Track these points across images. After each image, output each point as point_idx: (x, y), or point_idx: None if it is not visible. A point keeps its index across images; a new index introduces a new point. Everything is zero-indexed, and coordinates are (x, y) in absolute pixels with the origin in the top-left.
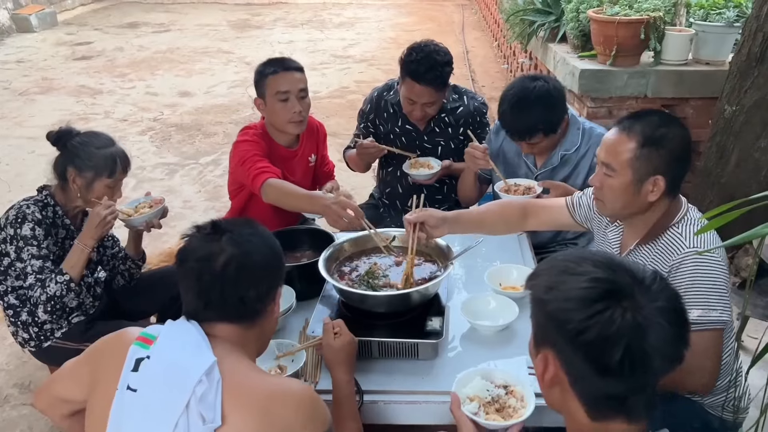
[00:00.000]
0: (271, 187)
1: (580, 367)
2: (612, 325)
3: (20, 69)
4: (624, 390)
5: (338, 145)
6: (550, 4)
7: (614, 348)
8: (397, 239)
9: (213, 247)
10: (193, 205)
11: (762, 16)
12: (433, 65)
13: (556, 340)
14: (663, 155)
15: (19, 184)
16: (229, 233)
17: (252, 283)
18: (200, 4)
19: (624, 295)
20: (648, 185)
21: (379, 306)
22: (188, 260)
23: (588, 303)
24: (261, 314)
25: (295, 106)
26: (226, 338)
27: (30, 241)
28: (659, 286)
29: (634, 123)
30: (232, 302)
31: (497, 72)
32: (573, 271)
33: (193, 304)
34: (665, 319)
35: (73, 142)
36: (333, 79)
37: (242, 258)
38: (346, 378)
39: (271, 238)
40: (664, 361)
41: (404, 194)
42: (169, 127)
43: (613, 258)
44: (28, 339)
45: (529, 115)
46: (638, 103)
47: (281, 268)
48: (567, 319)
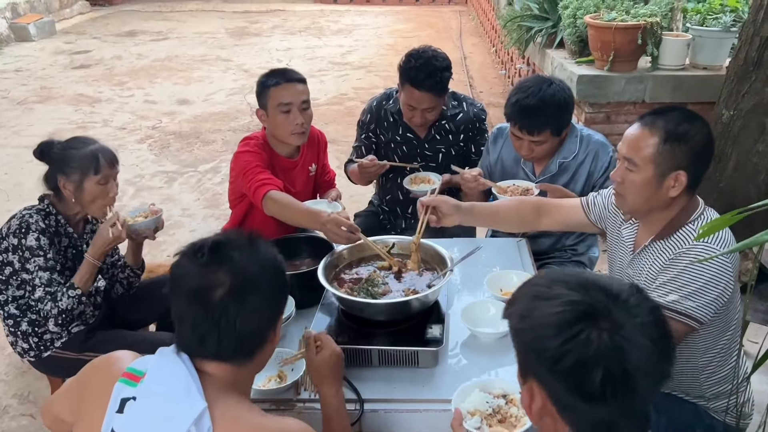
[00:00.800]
0: (272, 200)
1: (563, 395)
2: (589, 348)
3: (18, 78)
4: (612, 415)
5: (337, 152)
6: (547, 10)
7: (593, 372)
8: (396, 246)
9: (210, 278)
10: (192, 213)
11: (759, 20)
12: (433, 71)
13: (538, 370)
14: (685, 151)
15: (18, 193)
16: (229, 261)
17: (252, 318)
18: (198, 12)
19: (600, 316)
20: (670, 180)
21: (378, 314)
22: (182, 288)
23: (562, 328)
24: (260, 348)
25: (297, 118)
26: (220, 378)
27: (36, 252)
28: (637, 299)
29: (657, 118)
30: (229, 342)
31: (495, 78)
32: (545, 296)
33: (187, 338)
34: (646, 335)
35: (55, 151)
36: (331, 86)
37: (243, 291)
38: (332, 392)
39: (274, 259)
40: (650, 380)
41: (404, 201)
42: (168, 135)
43: (586, 277)
44: (27, 349)
45: (544, 107)
46: (636, 109)
47: (285, 294)
48: (544, 348)
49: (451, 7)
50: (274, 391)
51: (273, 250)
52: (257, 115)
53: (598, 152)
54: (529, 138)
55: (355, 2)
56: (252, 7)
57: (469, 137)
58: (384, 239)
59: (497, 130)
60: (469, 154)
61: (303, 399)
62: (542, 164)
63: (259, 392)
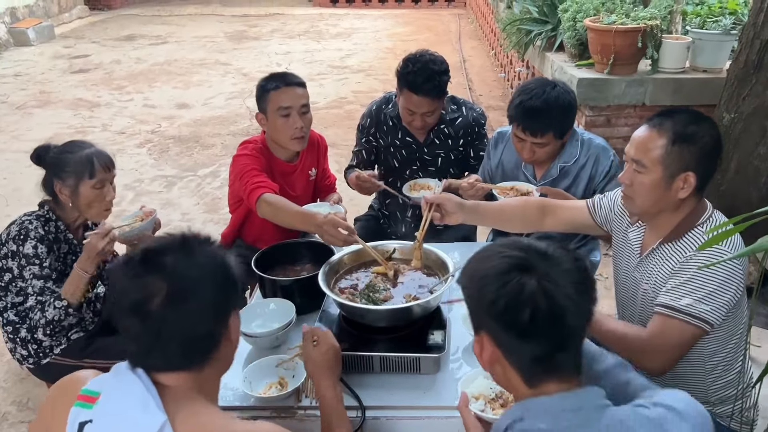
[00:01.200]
0: (266, 202)
1: (503, 336)
2: (520, 291)
3: (17, 83)
4: (546, 349)
5: (337, 156)
6: (547, 13)
7: (524, 310)
8: (397, 251)
9: (146, 289)
10: (192, 218)
11: (759, 23)
12: (431, 75)
13: (482, 318)
14: (694, 152)
15: (17, 198)
16: (162, 268)
17: (196, 323)
18: (197, 16)
19: (530, 266)
20: (679, 182)
21: (379, 320)
22: (119, 303)
23: (499, 277)
24: (214, 350)
25: (297, 122)
26: (179, 387)
27: (32, 260)
28: (562, 252)
29: (665, 120)
30: (176, 349)
31: (494, 81)
32: (486, 256)
33: (134, 353)
34: (569, 278)
35: (51, 156)
36: (330, 89)
37: (180, 297)
38: (329, 384)
39: (215, 258)
40: (575, 317)
41: (404, 206)
42: (167, 139)
43: (521, 241)
44: (26, 356)
45: (548, 109)
46: (636, 112)
47: (232, 291)
48: (484, 295)
49: (450, 10)
50: (274, 398)
51: (212, 248)
52: (257, 119)
53: (599, 156)
54: (532, 140)
55: (354, 6)
56: (251, 11)
57: (468, 142)
58: (385, 244)
59: (498, 135)
60: (468, 158)
61: (304, 406)
62: (543, 168)
63: (260, 400)
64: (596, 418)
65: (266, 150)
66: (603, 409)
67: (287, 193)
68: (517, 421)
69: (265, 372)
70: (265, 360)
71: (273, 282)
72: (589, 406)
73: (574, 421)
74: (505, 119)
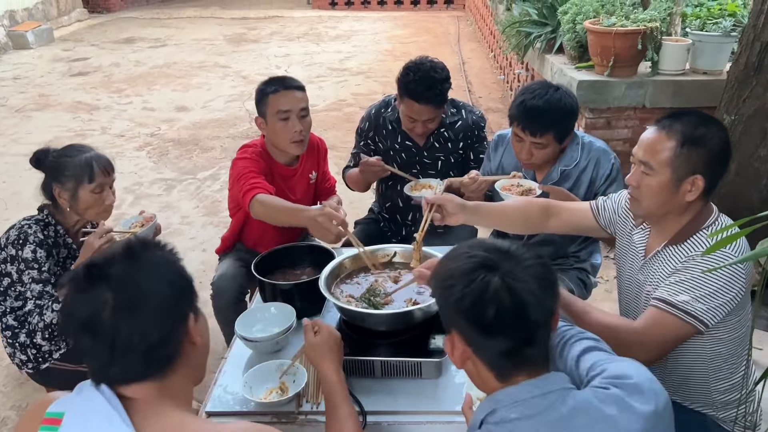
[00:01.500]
0: (258, 202)
1: (472, 334)
2: (484, 289)
3: (17, 86)
4: (513, 344)
5: (336, 158)
6: (546, 15)
7: (489, 306)
8: (398, 255)
9: (93, 302)
10: (192, 221)
11: (759, 25)
12: (432, 84)
13: (451, 317)
14: (702, 155)
15: (16, 201)
16: (107, 280)
17: (151, 329)
18: (196, 19)
19: (494, 265)
20: (686, 185)
21: (380, 324)
22: (71, 321)
23: (465, 275)
24: (176, 356)
25: (296, 126)
26: (147, 398)
27: (31, 264)
28: (524, 250)
29: (674, 122)
30: (134, 360)
31: (493, 83)
32: (453, 257)
33: (94, 369)
34: (532, 275)
35: (50, 159)
36: (330, 92)
37: (130, 306)
38: (333, 368)
39: (163, 263)
40: (538, 312)
41: (404, 208)
42: (167, 142)
43: (486, 242)
44: (25, 361)
45: (550, 110)
46: (636, 114)
47: (186, 295)
48: (451, 294)
49: (449, 12)
50: (275, 403)
51: (160, 253)
52: (256, 123)
53: (599, 159)
54: (531, 140)
55: (353, 8)
56: (250, 14)
57: (468, 145)
58: (385, 248)
59: (498, 137)
60: (468, 161)
61: (305, 411)
62: (544, 171)
63: (261, 405)
64: (562, 400)
65: (266, 154)
66: (568, 391)
67: (287, 197)
68: (490, 414)
69: (266, 377)
70: (265, 365)
71: (273, 286)
72: (555, 390)
73: (542, 406)
74: (504, 121)
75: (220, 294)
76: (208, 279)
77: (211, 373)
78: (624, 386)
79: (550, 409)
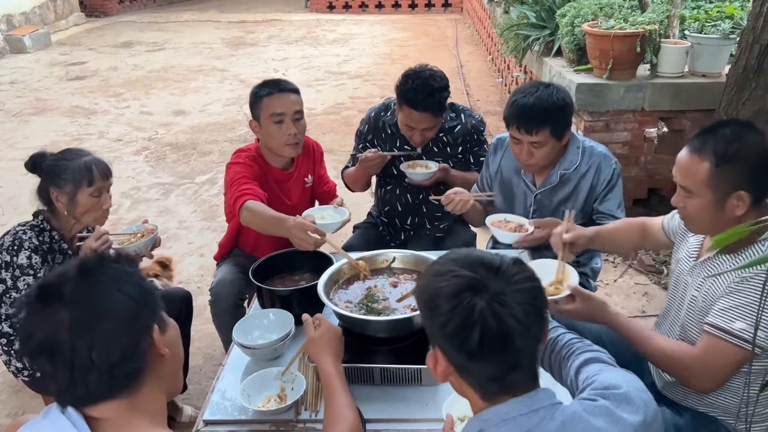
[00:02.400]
0: (247, 210)
1: (454, 355)
2: (470, 313)
3: (14, 90)
4: (497, 371)
5: (334, 162)
6: (545, 18)
7: (473, 333)
8: (397, 260)
9: (48, 323)
10: (189, 225)
11: (758, 28)
12: (431, 92)
13: (435, 336)
14: (741, 170)
15: (12, 206)
16: (60, 299)
17: (110, 346)
18: (194, 23)
19: (481, 287)
20: (732, 201)
21: (380, 331)
22: (28, 344)
23: (450, 298)
24: (142, 371)
25: (290, 128)
26: (115, 417)
27: (26, 270)
28: (515, 270)
29: (706, 141)
30: (96, 379)
31: (492, 86)
32: (440, 273)
33: (57, 390)
34: (521, 299)
35: (47, 163)
36: (328, 95)
37: (86, 323)
38: (330, 362)
39: (119, 276)
40: (525, 339)
41: (403, 212)
42: (164, 146)
43: (474, 256)
44: (21, 368)
45: (542, 104)
46: (635, 117)
47: (148, 308)
48: (437, 315)
49: (447, 15)
50: (273, 411)
51: (116, 267)
52: (251, 127)
53: (600, 164)
54: (528, 139)
55: (351, 11)
56: (248, 17)
57: (468, 149)
58: (385, 253)
59: (497, 141)
60: (468, 165)
61: (303, 419)
62: (543, 175)
63: (259, 413)
64: (551, 416)
65: (260, 158)
66: (556, 407)
67: (283, 201)
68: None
69: (264, 384)
70: (263, 372)
71: (271, 292)
72: (544, 406)
73: (532, 422)
74: (502, 126)
75: (218, 300)
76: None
77: (209, 380)
78: (612, 396)
79: (539, 426)
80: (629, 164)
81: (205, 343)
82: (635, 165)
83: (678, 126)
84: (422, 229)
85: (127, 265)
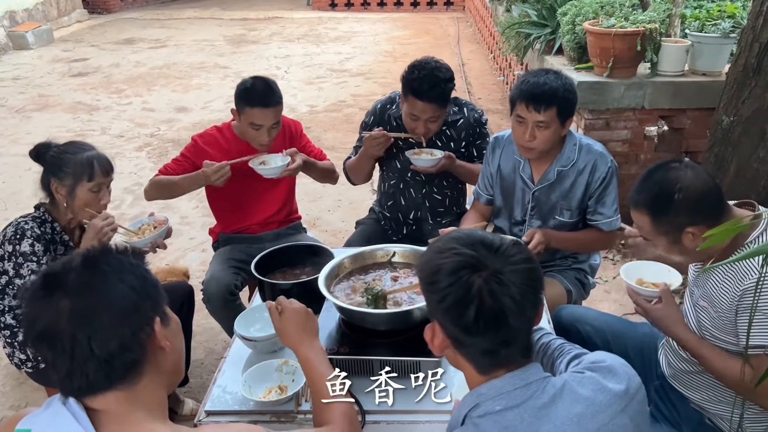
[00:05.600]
0: (150, 185)
1: (451, 329)
2: (467, 289)
3: (16, 86)
4: (491, 345)
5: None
6: (546, 17)
7: (469, 308)
8: (398, 254)
9: (50, 311)
10: (191, 221)
11: (758, 27)
12: (436, 82)
13: (434, 310)
14: (679, 215)
15: (15, 201)
16: (63, 288)
17: (111, 335)
18: (196, 20)
19: (480, 265)
20: (687, 237)
21: (380, 324)
22: (31, 333)
23: (449, 274)
24: (142, 363)
25: (264, 138)
26: (116, 408)
27: (29, 257)
28: (515, 250)
29: (639, 196)
30: (96, 369)
31: (493, 84)
32: (441, 250)
33: (58, 382)
34: (518, 279)
35: (51, 154)
36: (329, 93)
37: (87, 313)
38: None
39: (123, 267)
40: (517, 318)
41: (406, 206)
42: (166, 142)
43: (476, 235)
44: (24, 360)
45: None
46: (635, 115)
47: (150, 300)
48: (436, 290)
49: (448, 13)
50: (274, 403)
51: (120, 258)
52: (231, 112)
53: (597, 162)
54: (535, 117)
55: (353, 9)
56: (250, 15)
57: (471, 142)
58: (385, 248)
59: (495, 140)
60: (471, 158)
61: (304, 411)
62: (540, 171)
63: (259, 404)
64: (542, 389)
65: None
66: (547, 380)
67: (259, 176)
68: (473, 409)
69: (265, 376)
70: (264, 364)
71: (272, 285)
72: (536, 379)
73: (526, 395)
74: (504, 123)
75: (209, 298)
76: None
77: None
78: (598, 369)
79: (532, 398)
80: (629, 162)
81: (206, 337)
82: (635, 163)
83: (678, 124)
84: (425, 224)
85: (131, 257)
